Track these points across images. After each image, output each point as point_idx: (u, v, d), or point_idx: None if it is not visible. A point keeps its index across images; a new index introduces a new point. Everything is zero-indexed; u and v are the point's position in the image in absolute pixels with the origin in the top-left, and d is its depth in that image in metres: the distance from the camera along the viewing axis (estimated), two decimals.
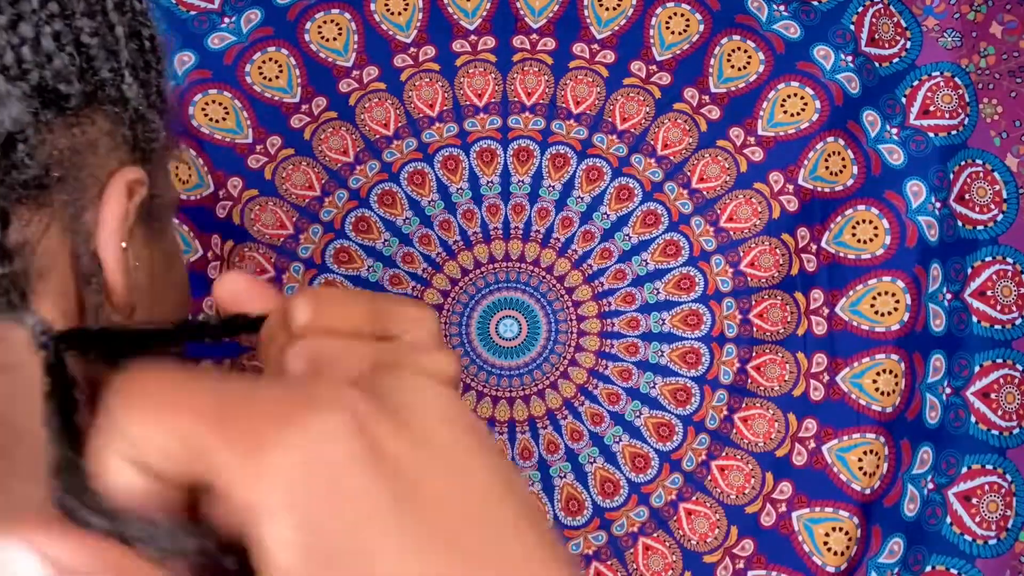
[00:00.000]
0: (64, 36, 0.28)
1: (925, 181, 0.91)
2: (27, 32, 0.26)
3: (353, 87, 0.93)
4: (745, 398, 0.92)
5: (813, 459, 0.90)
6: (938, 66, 0.92)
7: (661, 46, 0.95)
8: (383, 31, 0.94)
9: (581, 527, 0.91)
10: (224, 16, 0.91)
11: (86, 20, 0.29)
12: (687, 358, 0.93)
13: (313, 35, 0.93)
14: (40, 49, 0.27)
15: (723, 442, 0.91)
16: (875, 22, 0.93)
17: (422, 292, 0.94)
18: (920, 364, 0.90)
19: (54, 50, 0.27)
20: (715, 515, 0.90)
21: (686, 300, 0.93)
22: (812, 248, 0.92)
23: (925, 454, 0.89)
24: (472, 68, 0.95)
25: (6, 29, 0.26)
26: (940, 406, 0.90)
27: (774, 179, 0.93)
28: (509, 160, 0.95)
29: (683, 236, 0.94)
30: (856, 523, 0.88)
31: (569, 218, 0.95)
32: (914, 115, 0.93)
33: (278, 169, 0.92)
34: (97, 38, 0.29)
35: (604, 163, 0.95)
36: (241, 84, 0.91)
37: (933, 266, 0.91)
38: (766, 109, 0.93)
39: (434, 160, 0.94)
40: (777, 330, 0.92)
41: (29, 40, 0.27)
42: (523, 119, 0.95)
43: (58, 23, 0.28)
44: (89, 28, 0.29)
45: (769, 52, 0.93)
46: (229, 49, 0.91)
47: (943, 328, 0.91)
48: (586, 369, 0.93)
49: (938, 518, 0.88)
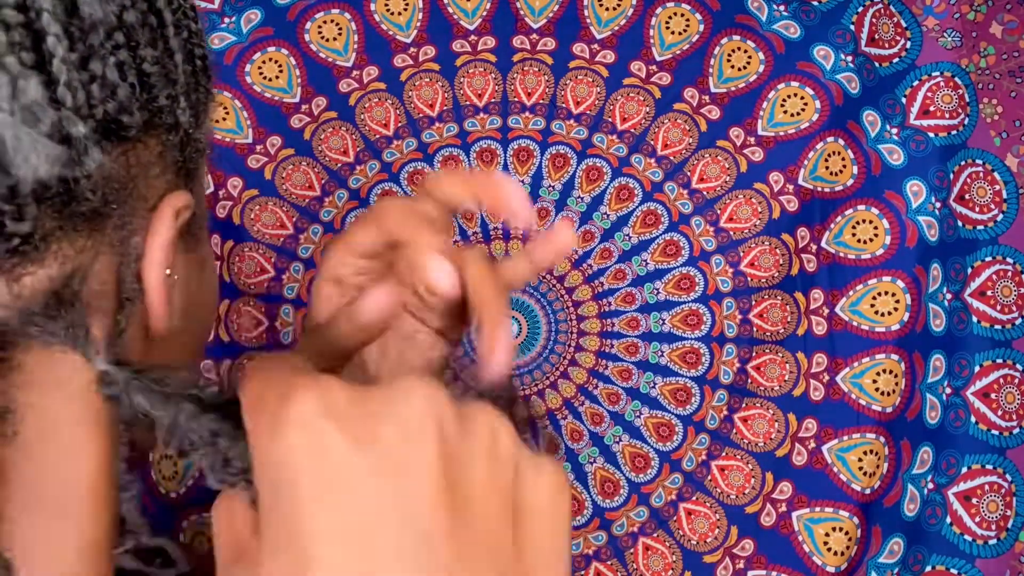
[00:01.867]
0: (127, 66, 0.27)
1: (925, 181, 0.91)
2: (96, 69, 0.26)
3: (353, 87, 0.93)
4: (745, 398, 0.92)
5: (813, 459, 0.90)
6: (938, 66, 0.92)
7: (661, 46, 0.95)
8: (383, 31, 0.94)
9: (581, 527, 0.91)
10: (224, 16, 0.91)
11: (149, 50, 0.28)
12: (687, 358, 0.93)
13: (313, 35, 0.93)
14: (107, 83, 0.26)
15: (723, 442, 0.91)
16: (875, 22, 0.93)
17: None
18: (920, 364, 0.90)
19: (118, 82, 0.27)
20: (715, 515, 0.90)
21: (686, 300, 0.93)
22: (812, 248, 0.92)
23: (925, 454, 0.89)
24: (472, 68, 0.95)
25: (78, 68, 0.25)
26: (940, 406, 0.90)
27: (774, 179, 0.93)
28: (509, 160, 0.95)
29: (683, 236, 0.94)
30: (856, 523, 0.88)
31: (569, 218, 0.95)
32: (914, 115, 0.93)
33: (278, 169, 0.92)
34: (158, 66, 0.29)
35: (604, 163, 0.95)
36: (241, 84, 0.91)
37: (933, 266, 0.91)
38: (766, 109, 0.93)
39: (434, 160, 0.94)
40: (777, 330, 0.92)
41: (98, 77, 0.26)
42: (523, 119, 0.95)
43: (123, 53, 0.27)
44: (151, 57, 0.28)
45: (769, 52, 0.93)
46: (229, 49, 0.91)
47: (943, 328, 0.91)
48: (586, 369, 0.93)
49: (938, 518, 0.88)
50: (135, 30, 0.28)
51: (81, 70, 0.25)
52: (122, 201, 0.28)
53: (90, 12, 0.26)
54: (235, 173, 0.91)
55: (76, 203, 0.26)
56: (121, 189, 0.28)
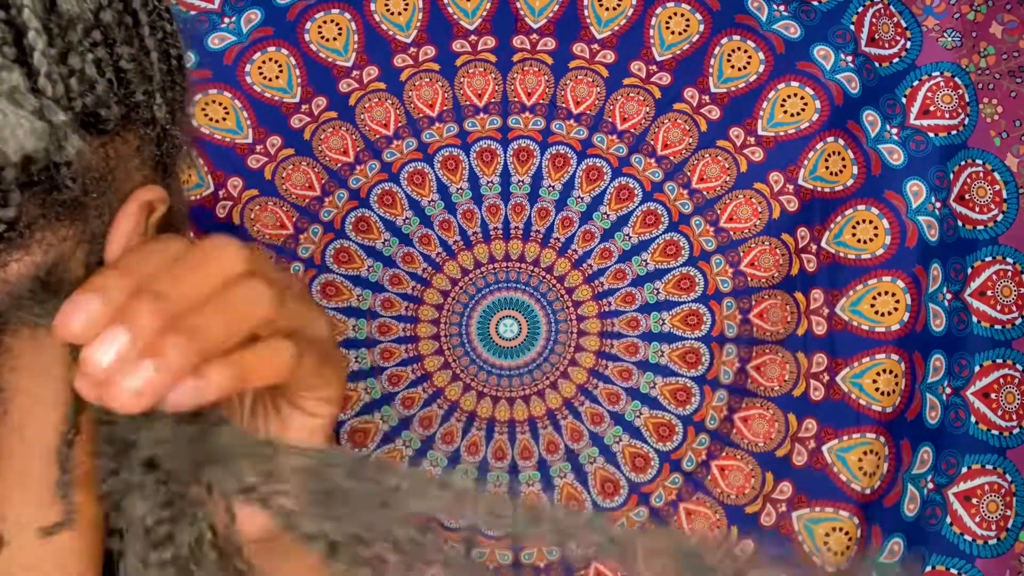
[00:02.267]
0: (105, 63, 0.29)
1: (925, 181, 0.91)
2: (75, 63, 0.27)
3: (353, 87, 0.93)
4: (745, 398, 0.92)
5: (813, 459, 0.90)
6: (938, 66, 0.92)
7: (661, 46, 0.95)
8: (383, 31, 0.94)
9: None
10: (224, 16, 0.91)
11: (125, 47, 0.30)
12: (687, 358, 0.93)
13: (313, 35, 0.93)
14: (85, 77, 0.28)
15: (723, 442, 0.91)
16: (875, 22, 0.93)
17: (422, 292, 0.94)
18: (920, 364, 0.90)
19: (96, 77, 0.28)
20: (715, 515, 0.90)
21: (686, 300, 0.93)
22: (812, 248, 0.92)
23: (925, 454, 0.89)
24: (472, 68, 0.95)
25: (57, 62, 0.27)
26: (940, 406, 0.90)
27: (774, 179, 0.93)
28: (509, 160, 0.95)
29: (683, 236, 0.94)
30: (856, 523, 0.88)
31: (569, 218, 0.95)
32: (914, 115, 0.93)
33: (278, 169, 0.92)
34: (134, 63, 0.30)
35: (604, 163, 0.95)
36: (241, 84, 0.91)
37: (933, 266, 0.91)
38: (766, 109, 0.93)
39: (434, 160, 0.94)
40: (777, 330, 0.92)
41: (77, 71, 0.27)
42: (523, 119, 0.95)
43: (100, 50, 0.29)
44: (128, 54, 0.30)
45: (769, 52, 0.93)
46: (229, 49, 0.91)
47: (943, 328, 0.91)
48: (586, 369, 0.93)
49: (938, 518, 0.88)
50: (112, 28, 0.29)
51: (60, 64, 0.27)
52: (100, 192, 0.29)
53: (68, 9, 0.27)
54: (235, 173, 0.91)
55: (58, 191, 0.27)
56: (100, 180, 0.29)
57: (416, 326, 0.93)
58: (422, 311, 0.94)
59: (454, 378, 0.93)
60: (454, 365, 0.94)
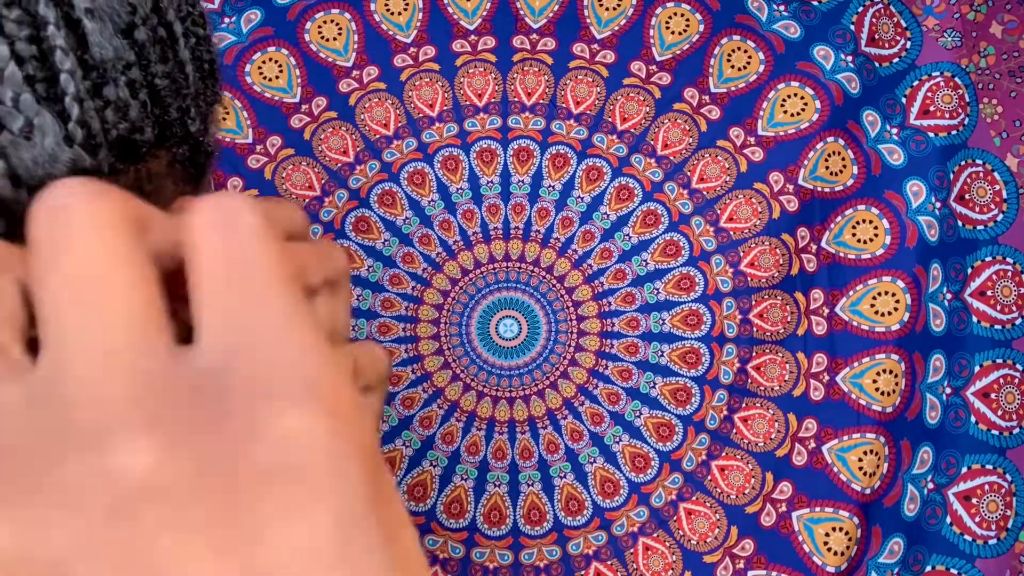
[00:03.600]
0: (138, 84, 0.27)
1: (925, 181, 0.91)
2: (110, 94, 0.26)
3: (353, 87, 0.93)
4: (745, 398, 0.92)
5: (813, 459, 0.90)
6: (938, 66, 0.92)
7: (661, 46, 0.95)
8: (383, 31, 0.94)
9: (581, 527, 0.91)
10: (224, 16, 0.91)
11: (160, 66, 0.28)
12: (687, 358, 0.93)
13: (313, 35, 0.93)
14: (119, 106, 0.26)
15: (723, 442, 0.91)
16: (875, 22, 0.93)
17: (422, 292, 0.94)
18: (920, 364, 0.90)
19: (130, 101, 0.27)
20: (715, 515, 0.90)
21: (686, 300, 0.93)
22: (812, 248, 0.92)
23: (925, 454, 0.89)
24: (472, 68, 0.95)
25: (92, 96, 0.25)
26: (940, 406, 0.90)
27: (774, 179, 0.93)
28: (509, 160, 0.95)
29: (683, 236, 0.94)
30: (856, 523, 0.88)
31: (569, 218, 0.95)
32: (914, 115, 0.93)
33: (278, 169, 0.92)
34: (168, 79, 0.29)
35: (604, 163, 0.95)
36: (241, 84, 0.91)
37: (933, 266, 0.91)
38: (766, 109, 0.93)
39: (434, 160, 0.94)
40: (777, 330, 0.92)
41: (113, 101, 0.26)
42: (523, 119, 0.95)
43: (135, 71, 0.27)
44: (162, 72, 0.28)
45: (769, 52, 0.93)
46: (229, 49, 0.91)
47: (943, 328, 0.91)
48: (586, 369, 0.93)
49: (938, 518, 0.88)
50: (146, 47, 0.28)
51: (96, 98, 0.26)
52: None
53: (99, 43, 0.26)
54: (235, 173, 0.91)
55: None
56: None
57: (416, 326, 0.93)
58: (422, 311, 0.94)
59: (454, 378, 0.93)
60: (454, 365, 0.94)
